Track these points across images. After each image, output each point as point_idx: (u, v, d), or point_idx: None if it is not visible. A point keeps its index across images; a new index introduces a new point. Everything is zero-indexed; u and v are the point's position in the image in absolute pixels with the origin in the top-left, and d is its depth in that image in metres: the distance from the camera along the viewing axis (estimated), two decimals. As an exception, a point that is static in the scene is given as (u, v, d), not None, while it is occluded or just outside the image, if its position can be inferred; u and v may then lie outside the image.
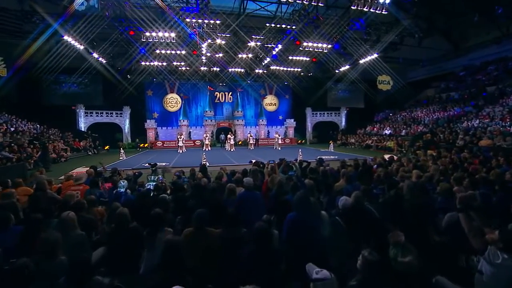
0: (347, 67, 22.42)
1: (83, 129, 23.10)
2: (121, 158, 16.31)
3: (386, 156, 10.66)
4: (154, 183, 6.68)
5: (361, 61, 20.25)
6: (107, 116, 24.87)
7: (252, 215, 3.86)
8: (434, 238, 3.18)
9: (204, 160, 13.25)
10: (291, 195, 4.45)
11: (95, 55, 17.34)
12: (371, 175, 6.74)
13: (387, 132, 21.76)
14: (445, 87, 23.60)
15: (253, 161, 13.84)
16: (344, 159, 8.77)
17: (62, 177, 8.07)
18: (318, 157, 12.06)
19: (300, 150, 14.41)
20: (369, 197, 3.89)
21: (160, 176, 7.05)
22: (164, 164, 13.96)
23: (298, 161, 8.84)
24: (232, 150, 20.78)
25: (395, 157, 10.26)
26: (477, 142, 12.02)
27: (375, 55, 19.08)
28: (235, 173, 6.98)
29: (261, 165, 7.97)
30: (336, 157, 15.07)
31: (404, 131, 20.32)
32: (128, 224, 3.48)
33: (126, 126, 25.63)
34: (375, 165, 8.39)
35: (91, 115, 24.15)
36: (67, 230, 3.25)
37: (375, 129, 24.30)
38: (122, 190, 5.04)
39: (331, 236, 3.39)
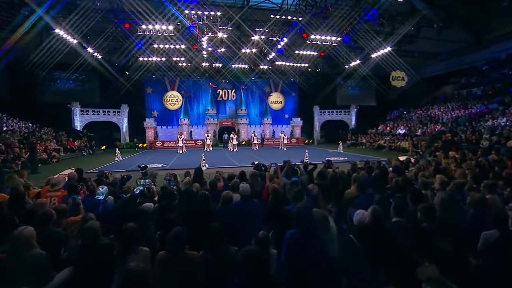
0: (358, 62, 21.92)
1: (78, 128, 23.05)
2: (116, 159, 16.17)
3: (401, 158, 10.19)
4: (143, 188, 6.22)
5: (373, 55, 19.69)
6: (104, 114, 24.77)
7: (249, 230, 3.51)
8: (472, 265, 2.62)
9: (203, 161, 12.81)
10: (294, 205, 4.03)
11: (90, 50, 17.16)
12: (386, 180, 6.16)
13: (401, 131, 21.22)
14: (465, 82, 22.75)
15: (256, 162, 13.56)
16: (355, 161, 8.22)
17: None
18: (326, 158, 11.58)
19: (306, 151, 14.00)
20: (391, 210, 3.31)
21: (148, 181, 6.58)
22: (160, 165, 13.78)
23: (304, 163, 8.27)
24: (234, 150, 20.58)
25: (412, 159, 9.61)
26: (505, 143, 11.27)
27: (389, 49, 18.46)
28: (234, 177, 6.48)
29: (263, 168, 7.44)
30: (346, 158, 14.75)
31: (420, 130, 19.69)
32: (97, 241, 3.01)
33: (124, 125, 25.52)
34: (390, 168, 7.79)
35: (87, 114, 24.07)
36: (21, 250, 2.80)
37: (388, 128, 23.78)
38: (101, 197, 4.58)
39: (343, 258, 2.86)
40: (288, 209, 3.82)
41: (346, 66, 23.24)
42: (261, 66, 23.82)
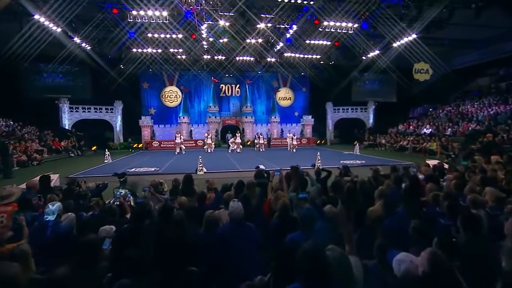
0: (377, 52, 21.01)
1: (67, 127, 22.83)
2: (106, 161, 15.71)
3: (430, 162, 9.28)
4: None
5: (395, 44, 18.71)
6: (95, 112, 24.48)
7: (241, 265, 3.05)
8: None
9: (200, 165, 12.10)
10: (300, 233, 3.16)
11: (77, 39, 16.66)
12: (421, 194, 5.22)
13: (427, 131, 20.40)
14: (505, 74, 21.56)
15: (260, 166, 12.74)
16: (377, 166, 7.22)
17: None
18: (342, 163, 10.65)
19: (318, 153, 13.25)
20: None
21: (121, 191, 5.77)
22: (152, 169, 13.23)
23: (315, 168, 7.34)
24: (237, 151, 20.17)
25: (445, 164, 8.59)
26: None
27: (414, 36, 17.40)
28: (230, 187, 5.62)
29: (265, 175, 6.53)
30: (364, 161, 14.11)
31: (449, 130, 18.71)
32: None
33: (118, 123, 25.24)
34: (421, 176, 6.63)
35: (76, 111, 23.83)
36: None
37: (411, 127, 22.92)
38: (50, 218, 3.77)
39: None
40: (296, 239, 2.97)
41: (363, 58, 22.48)
42: (268, 59, 23.38)
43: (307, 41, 19.94)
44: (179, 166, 13.89)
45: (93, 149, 21.96)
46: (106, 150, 16.68)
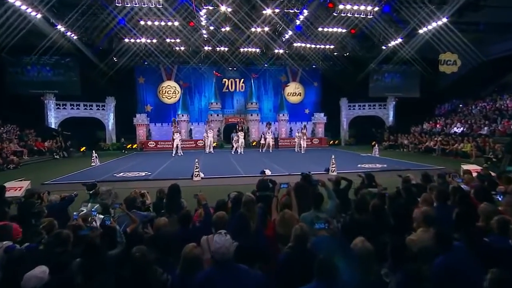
0: (400, 40, 20.35)
1: (53, 126, 22.46)
2: (93, 164, 15.28)
3: (467, 168, 8.53)
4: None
5: (421, 31, 17.98)
6: (85, 109, 24.18)
7: None
8: None
9: (197, 169, 11.40)
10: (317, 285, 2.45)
11: (61, 27, 16.06)
12: (475, 216, 4.21)
13: (458, 130, 19.56)
14: None
15: (266, 171, 11.80)
16: (408, 175, 6.25)
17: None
18: (361, 167, 9.58)
19: (333, 156, 12.31)
20: None
21: (82, 209, 4.89)
22: (143, 174, 12.74)
23: (334, 178, 6.35)
24: (240, 152, 19.86)
25: (492, 172, 7.50)
26: None
27: (444, 20, 16.53)
28: (225, 205, 4.69)
29: (271, 185, 5.63)
30: (385, 165, 13.44)
31: (485, 128, 17.80)
32: None
33: (110, 122, 24.89)
34: (464, 186, 5.77)
35: (64, 108, 23.40)
36: None
37: (438, 125, 22.27)
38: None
39: None
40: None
41: (384, 47, 21.97)
42: (276, 50, 23.15)
43: (320, 29, 19.47)
44: (173, 170, 13.39)
45: (81, 150, 21.47)
46: (94, 151, 16.19)
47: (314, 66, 26.58)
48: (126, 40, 19.71)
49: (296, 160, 16.13)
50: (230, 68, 25.70)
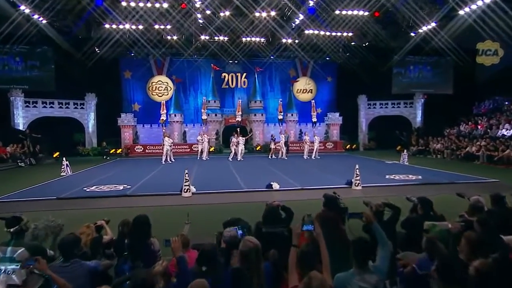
0: (433, 25, 19.30)
1: (21, 127, 21.61)
2: (63, 174, 14.38)
3: None
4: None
5: (462, 12, 16.74)
6: (60, 107, 23.60)
7: None
8: None
9: (186, 182, 10.12)
10: None
11: (25, 8, 14.97)
12: None
13: (507, 132, 18.37)
14: None
15: (273, 184, 10.21)
16: (476, 197, 4.69)
17: None
18: (392, 180, 7.99)
19: (357, 166, 10.91)
20: None
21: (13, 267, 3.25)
22: (121, 188, 11.29)
23: (353, 187, 4.74)
24: (239, 159, 19.49)
25: None
26: None
27: None
28: (213, 253, 3.28)
29: (283, 215, 4.48)
30: (420, 177, 12.33)
31: None
32: None
33: (90, 122, 24.49)
34: None
35: (34, 106, 22.73)
36: None
37: (479, 127, 21.14)
38: None
39: None
40: None
41: (412, 34, 21.11)
42: (284, 40, 22.74)
43: (337, 11, 18.85)
44: (159, 182, 12.34)
45: (54, 156, 20.61)
46: (64, 158, 15.10)
47: (328, 58, 26.11)
48: (107, 26, 19.01)
49: (309, 170, 15.02)
50: (231, 61, 25.43)
